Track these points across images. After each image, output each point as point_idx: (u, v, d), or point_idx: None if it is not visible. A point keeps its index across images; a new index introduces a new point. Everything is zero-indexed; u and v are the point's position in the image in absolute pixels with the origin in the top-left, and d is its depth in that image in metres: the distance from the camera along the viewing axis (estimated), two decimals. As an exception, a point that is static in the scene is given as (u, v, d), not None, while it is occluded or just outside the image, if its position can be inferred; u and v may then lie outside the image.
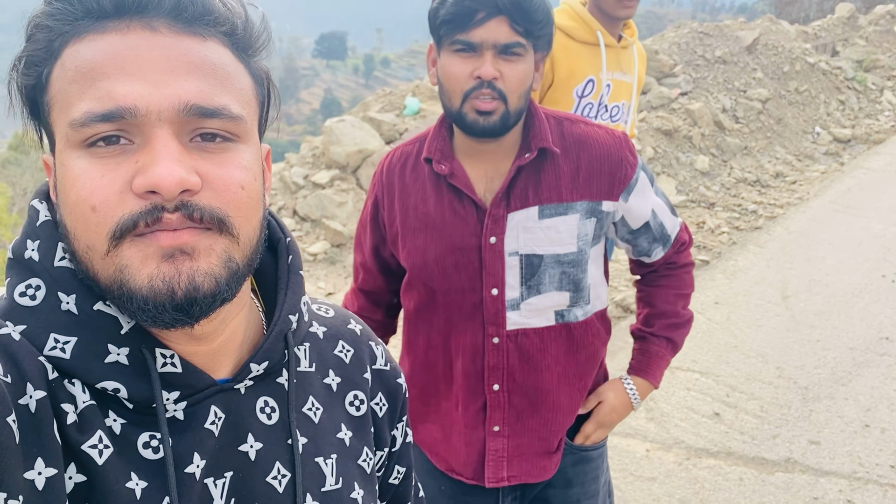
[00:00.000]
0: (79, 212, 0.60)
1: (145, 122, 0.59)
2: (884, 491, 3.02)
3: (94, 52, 0.60)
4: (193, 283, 0.60)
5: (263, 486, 0.72)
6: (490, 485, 1.53)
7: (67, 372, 0.63)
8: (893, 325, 4.40)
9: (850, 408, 3.59)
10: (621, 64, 2.38)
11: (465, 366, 1.50)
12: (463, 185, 1.43)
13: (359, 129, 5.84)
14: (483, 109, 1.33)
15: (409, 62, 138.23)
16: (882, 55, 10.53)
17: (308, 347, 0.82)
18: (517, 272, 1.44)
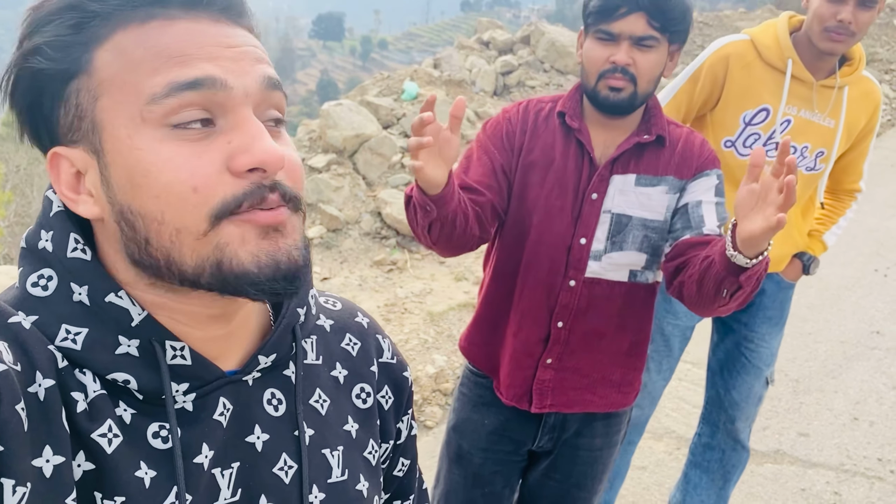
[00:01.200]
0: (175, 193, 0.60)
1: (233, 96, 0.61)
2: (871, 483, 3.06)
3: (170, 37, 0.60)
4: (292, 256, 0.64)
5: (270, 477, 0.73)
6: (535, 410, 1.72)
7: (78, 362, 0.63)
8: (885, 319, 4.44)
9: (840, 400, 3.63)
10: (817, 103, 2.09)
11: (537, 300, 1.67)
12: (586, 141, 1.62)
13: (356, 114, 5.82)
14: (614, 86, 1.54)
15: (407, 44, 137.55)
16: (880, 48, 10.54)
17: (315, 340, 0.82)
18: (606, 228, 1.62)
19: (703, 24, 9.36)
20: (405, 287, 4.55)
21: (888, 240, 5.56)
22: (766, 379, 2.44)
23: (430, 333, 4.03)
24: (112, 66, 0.60)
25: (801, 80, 2.09)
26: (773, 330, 2.41)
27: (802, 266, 2.35)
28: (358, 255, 4.95)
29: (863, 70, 2.15)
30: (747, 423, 2.48)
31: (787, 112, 2.12)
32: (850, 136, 2.18)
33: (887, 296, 4.73)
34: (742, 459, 2.55)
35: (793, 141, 2.12)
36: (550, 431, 1.78)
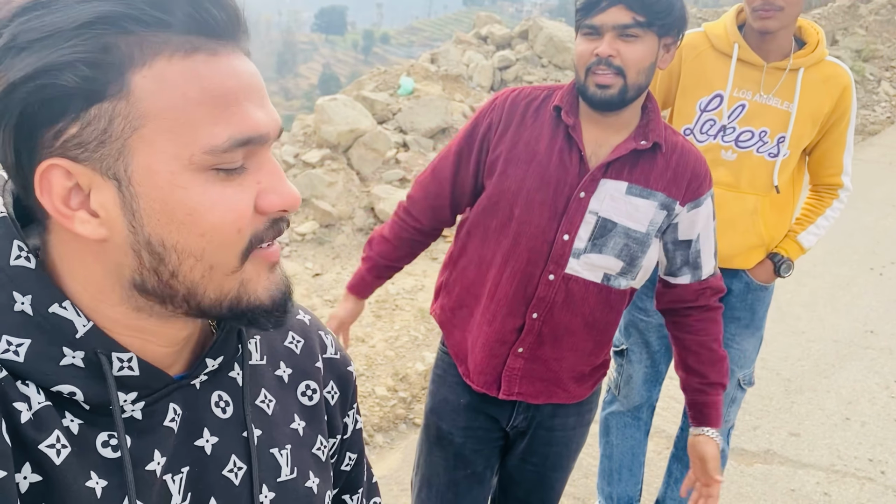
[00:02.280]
0: (222, 235, 0.62)
1: (266, 146, 0.64)
2: (861, 484, 3.04)
3: (220, 76, 0.60)
4: (287, 286, 0.69)
5: (220, 480, 0.73)
6: (503, 397, 1.77)
7: (21, 374, 0.62)
8: (879, 318, 4.42)
9: (832, 400, 3.61)
10: (771, 86, 2.10)
11: (516, 290, 1.70)
12: (578, 139, 1.63)
13: (351, 109, 5.79)
14: (602, 83, 1.55)
15: (409, 38, 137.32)
16: (881, 45, 10.49)
17: (258, 340, 0.82)
18: (591, 228, 1.64)
19: (702, 19, 9.32)
20: (396, 283, 4.53)
21: (884, 238, 5.53)
22: (738, 381, 2.41)
23: (421, 330, 4.01)
24: (159, 99, 0.58)
25: (750, 64, 2.12)
26: (742, 332, 2.36)
27: (774, 267, 2.28)
28: (351, 251, 4.93)
29: (826, 55, 2.14)
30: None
31: (741, 96, 2.13)
32: (813, 120, 2.14)
33: (882, 295, 4.70)
34: None
35: (750, 125, 2.14)
36: (525, 411, 1.82)
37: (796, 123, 2.12)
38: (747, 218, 2.20)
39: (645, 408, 2.58)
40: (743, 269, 2.29)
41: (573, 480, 2.98)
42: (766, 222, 2.22)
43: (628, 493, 2.67)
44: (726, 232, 2.18)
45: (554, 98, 1.68)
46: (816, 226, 2.28)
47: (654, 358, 2.48)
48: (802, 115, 2.12)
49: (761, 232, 2.22)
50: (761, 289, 2.32)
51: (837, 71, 2.14)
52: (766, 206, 2.21)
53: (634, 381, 2.50)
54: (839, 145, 2.20)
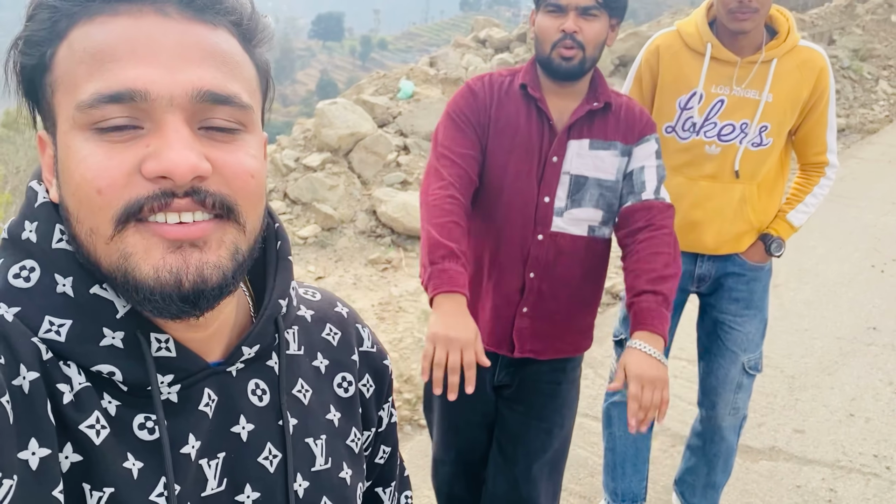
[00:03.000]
0: (83, 193, 0.59)
1: (156, 106, 0.59)
2: (866, 480, 3.04)
3: (105, 35, 0.59)
4: (202, 275, 0.61)
5: (255, 467, 0.74)
6: (517, 355, 1.93)
7: (63, 354, 0.63)
8: (881, 314, 4.42)
9: (836, 397, 3.61)
10: (745, 79, 2.17)
11: (511, 253, 1.88)
12: (546, 109, 1.84)
13: (351, 112, 5.80)
14: (566, 56, 1.76)
15: (407, 44, 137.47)
16: (878, 44, 10.51)
17: (296, 331, 0.83)
18: (566, 187, 1.84)
19: (701, 20, 9.36)
20: (400, 286, 4.53)
21: (885, 235, 5.53)
22: (743, 365, 2.42)
23: (425, 332, 4.01)
24: (63, 63, 0.61)
25: (723, 61, 2.18)
26: (744, 313, 2.39)
27: (765, 247, 2.33)
28: (353, 254, 4.94)
29: (798, 41, 2.19)
30: (728, 409, 2.47)
31: (719, 92, 2.20)
32: (793, 106, 2.20)
33: (884, 292, 4.71)
34: (722, 449, 2.54)
35: (731, 119, 2.20)
36: (506, 367, 1.99)
37: (775, 111, 2.18)
38: (737, 207, 2.27)
39: None
40: (736, 253, 2.35)
41: (579, 479, 2.98)
42: (754, 208, 2.28)
43: (633, 489, 2.67)
44: (715, 221, 2.27)
45: (518, 78, 1.88)
46: (805, 204, 2.33)
47: None
48: (780, 102, 2.18)
49: (750, 218, 2.29)
50: (756, 268, 2.37)
51: (812, 55, 2.19)
52: (754, 192, 2.27)
53: None
54: (821, 125, 2.25)
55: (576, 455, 3.08)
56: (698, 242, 2.32)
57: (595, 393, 3.57)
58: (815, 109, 2.23)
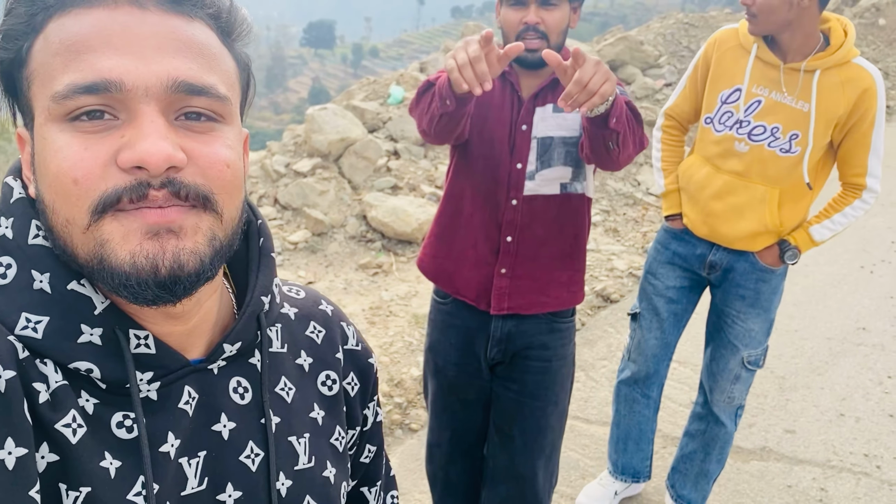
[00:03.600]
0: (59, 184, 0.59)
1: (131, 97, 0.59)
2: (857, 479, 3.05)
3: (80, 26, 0.59)
4: (178, 261, 0.60)
5: (237, 465, 0.73)
6: (494, 312, 2.01)
7: (39, 352, 0.62)
8: (870, 315, 4.44)
9: (826, 397, 3.62)
10: (787, 86, 2.19)
11: (487, 217, 1.97)
12: (516, 83, 1.95)
13: (341, 118, 5.80)
14: (531, 48, 1.82)
15: (398, 51, 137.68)
16: (866, 48, 10.58)
17: (280, 328, 0.82)
18: (535, 151, 1.92)
19: (690, 24, 9.38)
20: (390, 290, 4.53)
21: (874, 237, 5.56)
22: (743, 359, 2.47)
23: (415, 336, 4.00)
24: (39, 56, 0.61)
25: (766, 63, 2.21)
26: (748, 310, 2.43)
27: (779, 253, 2.35)
28: (343, 259, 4.93)
29: (854, 57, 2.16)
30: (723, 397, 2.54)
31: (758, 93, 2.23)
32: (827, 121, 2.18)
33: (873, 292, 4.73)
34: (719, 436, 2.59)
35: (763, 121, 2.23)
36: (498, 344, 2.06)
37: (809, 122, 2.17)
38: (755, 206, 2.30)
39: (655, 384, 2.68)
40: (750, 251, 2.38)
41: (570, 481, 2.98)
42: (772, 212, 2.29)
43: (634, 465, 2.78)
44: (733, 217, 2.32)
45: None
46: (832, 221, 2.31)
47: (663, 328, 2.59)
48: (817, 116, 2.17)
49: (766, 220, 2.30)
50: (766, 271, 2.39)
51: (860, 74, 2.16)
52: (775, 197, 2.28)
53: (644, 349, 2.64)
54: (862, 147, 2.22)
55: (567, 458, 3.08)
56: (715, 232, 2.38)
57: (586, 395, 3.56)
58: (856, 129, 2.20)
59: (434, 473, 2.28)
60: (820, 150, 2.23)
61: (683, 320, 2.62)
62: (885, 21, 11.25)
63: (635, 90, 7.83)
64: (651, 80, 8.05)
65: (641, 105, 7.51)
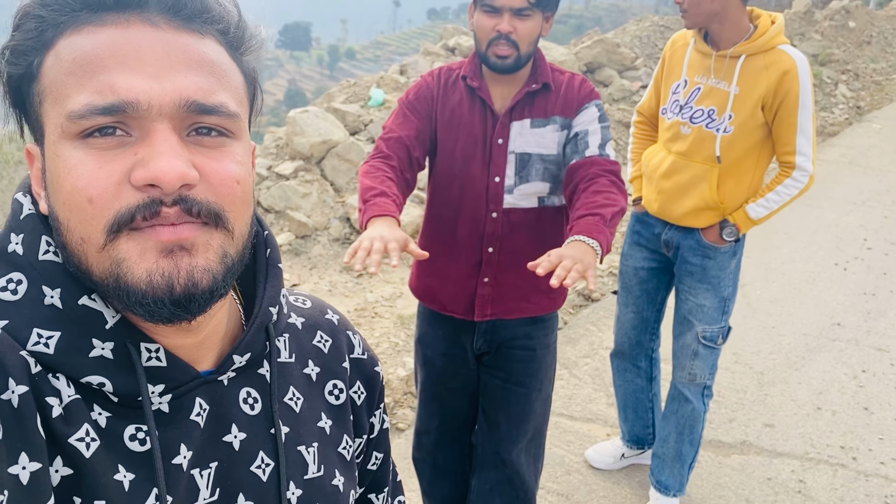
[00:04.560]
0: (74, 203, 0.59)
1: (146, 116, 0.59)
2: (834, 471, 3.13)
3: (93, 45, 0.60)
4: (192, 279, 0.61)
5: (248, 476, 0.74)
6: (478, 319, 2.08)
7: (51, 366, 0.62)
8: (845, 311, 4.54)
9: (803, 391, 3.71)
10: (717, 72, 2.42)
11: (470, 232, 2.02)
12: (486, 97, 1.97)
13: (323, 120, 5.82)
14: (501, 55, 1.87)
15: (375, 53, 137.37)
16: (837, 49, 10.78)
17: (287, 338, 0.83)
18: (513, 166, 1.96)
19: (665, 27, 9.51)
20: (375, 291, 4.56)
21: (846, 235, 5.68)
22: (698, 334, 2.60)
23: (401, 336, 4.04)
24: (51, 73, 0.61)
25: (702, 53, 2.47)
26: (697, 286, 2.59)
27: (719, 230, 2.53)
28: (327, 261, 4.95)
29: (779, 44, 2.38)
30: (685, 374, 2.67)
31: (697, 81, 2.49)
32: (753, 101, 2.38)
33: (847, 289, 4.84)
34: (687, 412, 2.70)
35: (702, 105, 2.48)
36: (484, 335, 2.13)
37: (736, 103, 2.40)
38: (697, 184, 2.50)
39: (642, 356, 2.88)
40: (696, 228, 2.56)
41: (556, 477, 3.03)
42: (711, 188, 2.47)
43: (636, 432, 3.01)
44: (679, 195, 2.52)
45: (462, 70, 2.01)
46: (766, 199, 2.47)
47: (637, 304, 2.79)
48: (744, 96, 2.39)
49: (706, 196, 2.48)
50: (710, 248, 2.56)
51: (782, 57, 2.36)
52: (714, 175, 2.47)
53: (623, 322, 2.87)
54: (789, 126, 2.39)
55: (553, 454, 3.13)
56: (665, 209, 2.57)
57: (570, 393, 3.62)
58: (782, 109, 2.37)
59: (422, 460, 2.35)
60: (750, 129, 2.42)
61: (658, 297, 2.79)
62: (854, 23, 11.47)
63: (612, 92, 7.92)
64: (628, 82, 8.15)
65: (619, 107, 7.60)
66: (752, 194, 2.52)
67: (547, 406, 2.24)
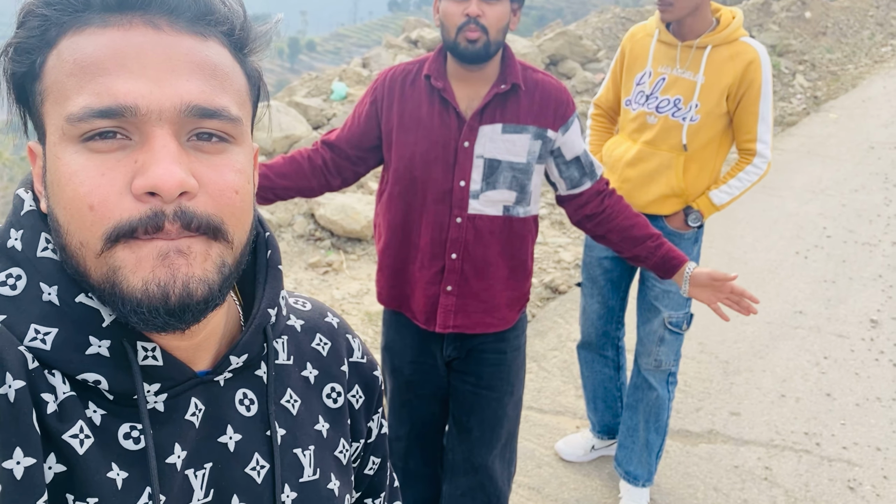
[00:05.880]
0: (75, 209, 0.59)
1: (145, 120, 0.59)
2: (798, 457, 3.18)
3: (94, 47, 0.59)
4: (188, 289, 0.61)
5: (242, 477, 0.73)
6: (439, 330, 2.03)
7: (48, 363, 0.63)
8: (806, 299, 4.62)
9: (768, 379, 3.77)
10: (683, 62, 2.47)
11: (433, 238, 1.96)
12: (451, 98, 1.90)
13: (285, 115, 5.74)
14: (471, 38, 1.81)
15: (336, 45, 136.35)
16: (794, 40, 10.96)
17: (286, 340, 0.83)
18: (480, 170, 1.91)
19: (626, 19, 9.57)
20: (342, 288, 4.52)
21: (807, 223, 5.78)
22: (664, 320, 2.63)
23: (369, 333, 4.01)
24: (52, 73, 0.61)
25: (667, 44, 2.51)
26: None
27: (684, 217, 2.58)
28: (292, 258, 4.89)
29: (741, 37, 2.46)
30: (651, 360, 2.70)
31: (662, 71, 2.53)
32: (719, 91, 2.45)
33: (808, 277, 4.92)
34: (652, 400, 2.73)
35: (667, 94, 2.51)
36: (453, 342, 2.10)
37: (703, 92, 2.45)
38: (663, 171, 2.54)
39: (609, 346, 2.91)
40: (660, 216, 2.61)
41: (527, 471, 3.03)
42: (678, 175, 2.53)
43: (606, 422, 3.04)
44: (646, 183, 2.57)
45: (424, 68, 1.94)
46: (728, 185, 2.55)
47: (602, 293, 2.82)
48: (709, 86, 2.45)
49: (673, 184, 2.54)
50: (675, 234, 2.61)
51: (746, 49, 2.44)
52: (681, 162, 2.52)
53: (589, 313, 2.89)
54: (751, 114, 2.47)
55: (524, 447, 3.13)
56: (629, 197, 2.59)
57: (539, 386, 3.63)
58: (745, 98, 2.45)
59: (393, 465, 2.30)
60: (715, 118, 2.47)
61: (622, 286, 2.82)
62: (810, 14, 11.67)
63: (575, 84, 7.95)
64: (591, 74, 8.19)
65: (582, 99, 7.64)
66: (713, 181, 2.58)
67: (519, 408, 2.22)
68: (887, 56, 11.26)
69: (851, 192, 6.46)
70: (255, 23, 0.70)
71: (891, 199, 6.26)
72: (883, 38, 11.95)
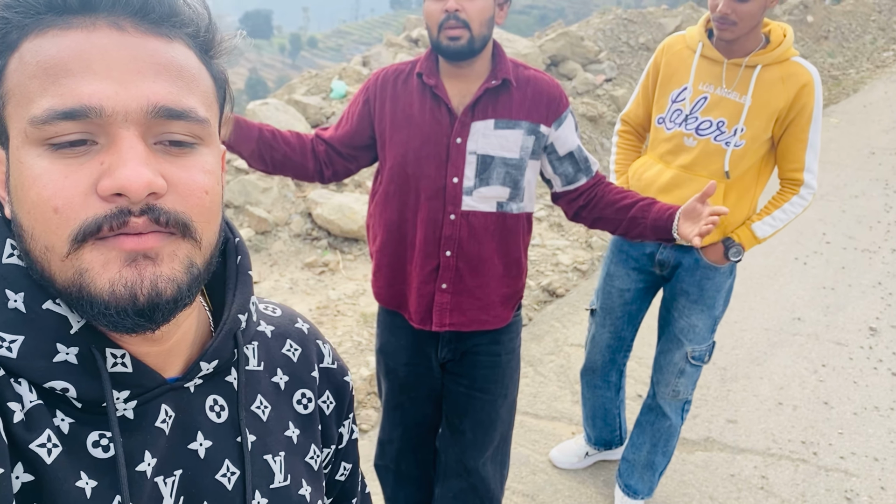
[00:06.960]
0: (39, 212, 0.59)
1: (111, 122, 0.58)
2: (795, 465, 3.16)
3: (58, 49, 0.58)
4: (156, 288, 0.60)
5: (213, 484, 0.73)
6: (435, 328, 2.02)
7: (14, 371, 0.62)
8: (805, 305, 4.60)
9: (765, 386, 3.74)
10: (729, 81, 2.27)
11: (427, 235, 1.95)
12: (443, 95, 1.89)
13: (283, 113, 5.71)
14: (452, 36, 1.79)
15: (337, 42, 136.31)
16: (796, 44, 10.93)
17: (256, 346, 0.83)
18: (474, 167, 1.90)
19: (628, 20, 9.53)
20: (338, 289, 4.49)
21: (806, 229, 5.75)
22: (687, 354, 2.53)
23: (364, 335, 3.98)
24: (14, 76, 0.60)
25: (711, 60, 2.31)
26: (692, 307, 2.49)
27: (724, 250, 2.39)
28: (288, 258, 4.86)
29: (792, 56, 2.26)
30: (668, 390, 2.61)
31: (704, 90, 2.33)
32: (769, 115, 2.25)
33: (807, 283, 4.90)
34: (664, 429, 2.67)
35: (709, 115, 2.30)
36: (448, 344, 2.09)
37: (750, 115, 2.26)
38: (685, 198, 2.32)
39: (612, 371, 2.83)
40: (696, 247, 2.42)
41: (521, 477, 3.01)
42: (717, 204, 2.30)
43: (604, 437, 3.01)
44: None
45: (416, 67, 1.94)
46: (773, 217, 2.36)
47: (616, 325, 2.71)
48: (757, 109, 2.25)
49: None
50: (710, 268, 2.43)
51: (799, 70, 2.24)
52: (721, 191, 2.32)
53: (597, 343, 2.78)
54: (800, 142, 2.29)
55: (517, 453, 3.11)
56: None
57: (535, 391, 3.60)
58: (795, 124, 2.27)
59: (385, 467, 2.32)
60: (760, 144, 2.29)
61: (638, 318, 2.71)
62: (812, 18, 11.65)
63: (576, 85, 7.92)
64: (591, 75, 8.15)
65: (583, 100, 7.61)
66: (751, 211, 2.40)
67: (513, 411, 2.21)
68: (889, 61, 11.23)
69: (851, 197, 6.43)
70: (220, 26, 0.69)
71: (891, 206, 6.23)
72: (885, 43, 11.92)
